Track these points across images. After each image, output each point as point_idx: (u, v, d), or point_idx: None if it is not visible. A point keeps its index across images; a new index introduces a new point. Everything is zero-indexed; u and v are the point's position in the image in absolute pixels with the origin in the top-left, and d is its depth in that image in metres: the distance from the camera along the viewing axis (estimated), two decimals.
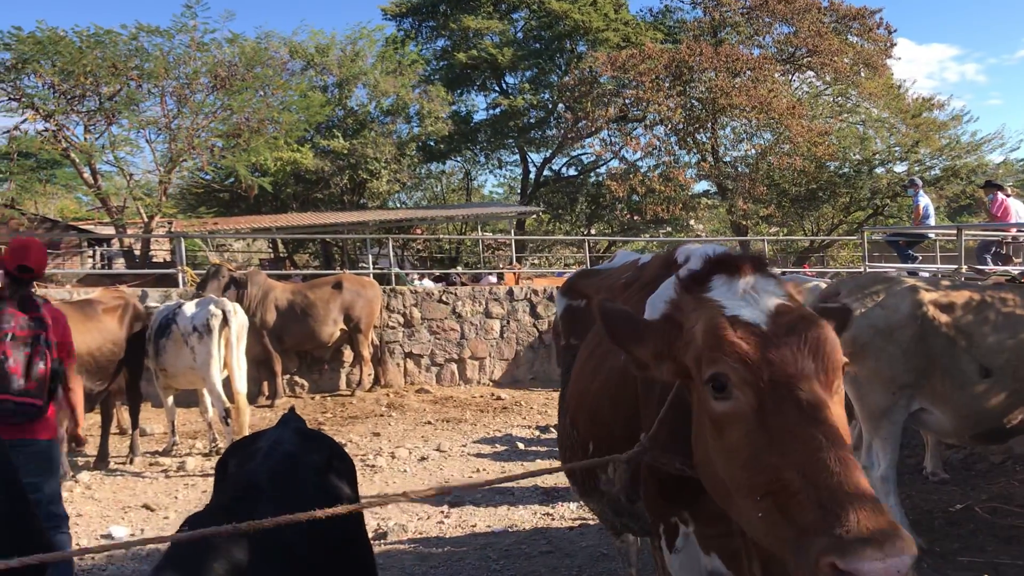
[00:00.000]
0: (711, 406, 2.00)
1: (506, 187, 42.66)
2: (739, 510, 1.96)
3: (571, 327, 4.26)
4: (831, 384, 1.93)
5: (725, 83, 27.20)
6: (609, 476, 3.26)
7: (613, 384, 3.10)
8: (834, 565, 1.62)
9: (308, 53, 28.23)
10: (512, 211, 30.41)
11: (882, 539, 1.62)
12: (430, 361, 14.45)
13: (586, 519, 7.07)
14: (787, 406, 1.85)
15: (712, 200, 32.18)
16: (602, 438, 3.06)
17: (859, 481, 1.74)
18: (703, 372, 2.01)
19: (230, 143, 22.35)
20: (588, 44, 32.04)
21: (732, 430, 1.94)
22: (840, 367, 1.98)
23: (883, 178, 28.82)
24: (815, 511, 1.71)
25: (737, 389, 1.93)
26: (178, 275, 15.23)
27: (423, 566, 6.04)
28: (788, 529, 1.76)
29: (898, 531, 1.66)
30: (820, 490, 1.72)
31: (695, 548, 2.70)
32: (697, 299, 2.15)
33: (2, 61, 19.30)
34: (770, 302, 2.06)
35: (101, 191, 22.16)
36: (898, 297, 5.88)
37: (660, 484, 2.65)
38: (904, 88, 32.82)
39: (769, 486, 1.81)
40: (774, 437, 1.84)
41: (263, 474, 2.88)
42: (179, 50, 20.93)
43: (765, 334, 1.96)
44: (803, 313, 2.04)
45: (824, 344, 1.96)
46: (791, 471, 1.77)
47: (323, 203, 30.16)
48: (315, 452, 3.25)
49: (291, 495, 2.76)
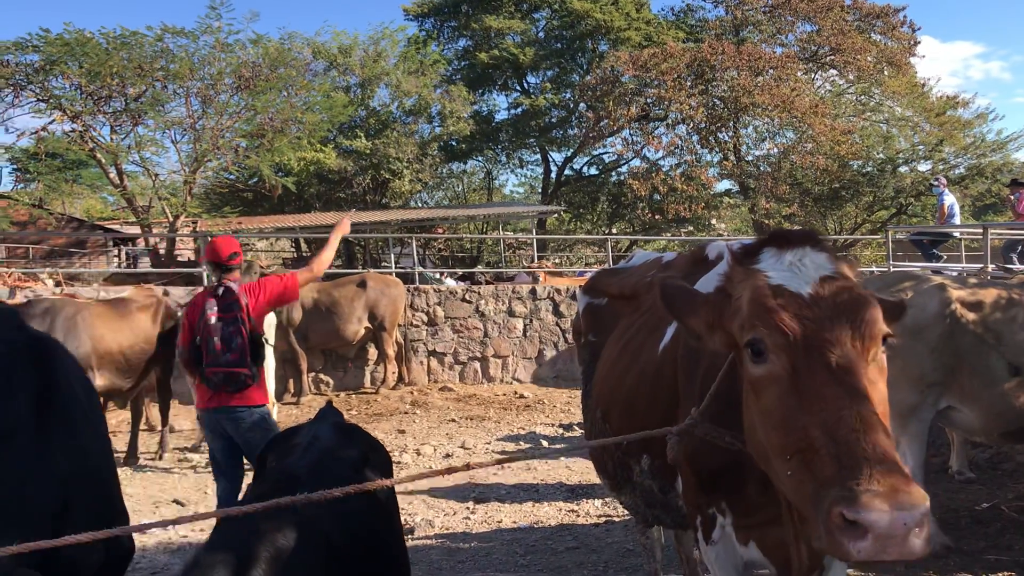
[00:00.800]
0: (750, 370, 2.09)
1: (527, 186, 42.77)
2: (775, 472, 2.04)
3: (592, 324, 4.33)
4: (866, 352, 1.98)
5: (747, 82, 27.10)
6: (643, 468, 3.30)
7: (649, 378, 3.16)
8: (843, 515, 1.68)
9: (331, 54, 28.43)
10: (533, 210, 30.45)
11: (892, 492, 1.67)
12: (453, 359, 14.52)
13: (611, 516, 7.11)
14: (817, 367, 1.92)
15: (734, 199, 32.10)
16: (637, 430, 3.11)
17: (878, 439, 1.79)
18: (743, 337, 2.10)
19: (254, 143, 22.54)
20: (610, 43, 32.03)
21: (768, 392, 2.02)
22: (878, 338, 2.01)
23: (907, 177, 28.62)
24: (832, 465, 1.77)
25: (772, 353, 2.00)
26: (203, 274, 15.39)
27: (451, 560, 6.10)
28: (810, 485, 1.83)
29: (909, 485, 1.70)
30: (839, 445, 1.78)
31: (732, 540, 2.74)
32: (747, 270, 2.23)
33: (31, 63, 19.54)
34: (816, 273, 2.11)
35: (127, 191, 22.40)
36: (926, 295, 5.88)
37: (697, 474, 2.70)
38: (928, 86, 32.61)
39: (797, 444, 1.88)
40: (804, 397, 1.91)
41: (302, 467, 2.95)
42: (204, 51, 21.12)
43: (805, 301, 2.02)
44: (847, 285, 2.08)
45: (862, 313, 2.00)
46: (816, 429, 1.84)
47: (346, 202, 30.31)
48: (352, 446, 3.31)
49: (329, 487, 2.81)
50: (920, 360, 5.67)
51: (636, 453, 3.32)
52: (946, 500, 6.80)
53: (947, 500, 6.81)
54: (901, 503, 1.66)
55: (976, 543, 5.80)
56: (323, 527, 2.57)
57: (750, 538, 2.65)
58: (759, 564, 2.72)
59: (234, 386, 5.51)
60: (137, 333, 9.24)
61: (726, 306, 2.23)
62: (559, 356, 14.84)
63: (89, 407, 2.83)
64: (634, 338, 3.51)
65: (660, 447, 2.68)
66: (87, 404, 2.81)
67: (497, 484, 8.10)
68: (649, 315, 3.47)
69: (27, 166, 21.44)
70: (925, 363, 5.66)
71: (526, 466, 9.09)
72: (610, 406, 3.55)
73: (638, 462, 3.34)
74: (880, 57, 30.19)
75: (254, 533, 2.42)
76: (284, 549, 2.43)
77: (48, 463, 2.45)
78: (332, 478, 2.92)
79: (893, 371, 5.80)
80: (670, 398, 2.89)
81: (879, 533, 1.66)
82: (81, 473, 2.54)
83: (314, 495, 2.18)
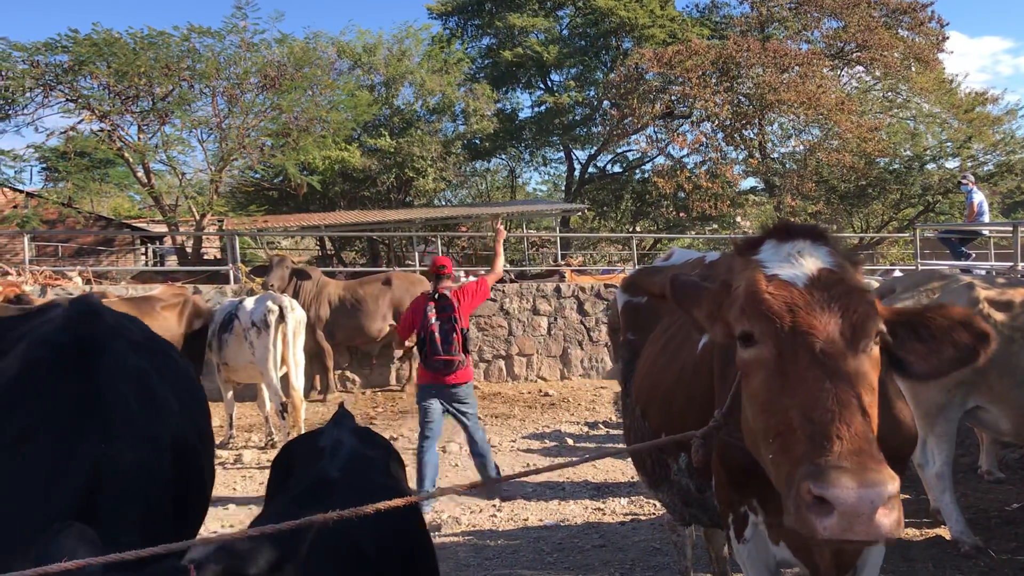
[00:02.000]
0: (740, 355, 2.13)
1: (550, 184, 42.76)
2: (762, 457, 2.06)
3: (631, 322, 4.34)
4: (856, 343, 1.99)
5: (773, 79, 26.96)
6: (680, 466, 3.31)
7: (687, 376, 3.17)
8: (810, 490, 1.70)
9: (355, 53, 28.56)
10: (556, 208, 30.46)
11: (859, 469, 1.69)
12: (478, 357, 14.54)
13: (638, 515, 7.12)
14: (802, 353, 1.94)
15: (759, 197, 31.94)
16: (675, 428, 3.12)
17: (853, 419, 1.81)
18: (737, 327, 2.13)
19: (279, 142, 22.70)
20: (634, 41, 31.95)
21: (755, 377, 2.06)
22: (871, 332, 2.02)
23: (934, 174, 28.38)
24: (806, 443, 1.80)
25: (760, 339, 2.04)
26: (230, 272, 15.53)
27: (478, 558, 6.13)
28: (786, 464, 1.86)
29: (879, 464, 1.72)
30: (813, 424, 1.81)
31: (764, 539, 2.74)
32: (746, 261, 2.26)
33: (60, 63, 19.78)
34: (812, 264, 2.13)
35: (154, 190, 22.64)
36: (954, 294, 5.85)
37: (728, 472, 2.71)
38: (956, 82, 32.34)
39: (779, 427, 1.92)
40: (787, 381, 1.94)
41: (334, 471, 2.94)
42: (230, 51, 21.30)
43: (797, 290, 2.05)
44: (844, 277, 2.10)
45: (855, 305, 2.02)
46: (795, 410, 1.87)
47: (370, 201, 30.47)
48: (374, 448, 3.31)
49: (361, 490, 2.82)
50: None
51: (674, 451, 3.33)
52: (975, 500, 6.76)
53: (976, 500, 6.76)
54: (868, 480, 1.68)
55: (1006, 543, 5.76)
56: (356, 533, 2.57)
57: (781, 537, 2.66)
58: (791, 563, 2.73)
59: (449, 370, 7.37)
60: (163, 331, 9.29)
61: (726, 297, 2.26)
62: (584, 354, 14.84)
63: (148, 409, 2.79)
64: (675, 336, 3.52)
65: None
66: (143, 406, 2.77)
67: (522, 482, 8.12)
68: None
69: (56, 165, 21.72)
70: None
71: (551, 463, 9.10)
72: (649, 404, 3.57)
73: (676, 460, 3.36)
74: (907, 53, 29.93)
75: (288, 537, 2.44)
76: (318, 549, 2.44)
77: (72, 466, 2.43)
78: (363, 481, 2.93)
79: None
80: (707, 396, 2.90)
81: (844, 510, 1.67)
82: (115, 476, 2.48)
83: (361, 508, 2.18)
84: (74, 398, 2.60)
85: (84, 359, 2.73)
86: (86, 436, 2.51)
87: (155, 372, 3.04)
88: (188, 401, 3.25)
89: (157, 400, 2.91)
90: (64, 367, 2.71)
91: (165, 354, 3.40)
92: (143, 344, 3.21)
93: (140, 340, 3.24)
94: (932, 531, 6.04)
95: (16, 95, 19.63)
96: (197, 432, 3.18)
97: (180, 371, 3.43)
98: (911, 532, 6.05)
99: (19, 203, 23.01)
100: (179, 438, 2.94)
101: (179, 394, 3.17)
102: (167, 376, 3.16)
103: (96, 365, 2.72)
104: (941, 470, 5.79)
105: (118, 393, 2.70)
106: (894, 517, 1.70)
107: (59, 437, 2.49)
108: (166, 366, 3.26)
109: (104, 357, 2.79)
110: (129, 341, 3.09)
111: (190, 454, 2.98)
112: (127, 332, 3.20)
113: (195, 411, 3.32)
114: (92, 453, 2.49)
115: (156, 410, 2.86)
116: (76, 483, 2.40)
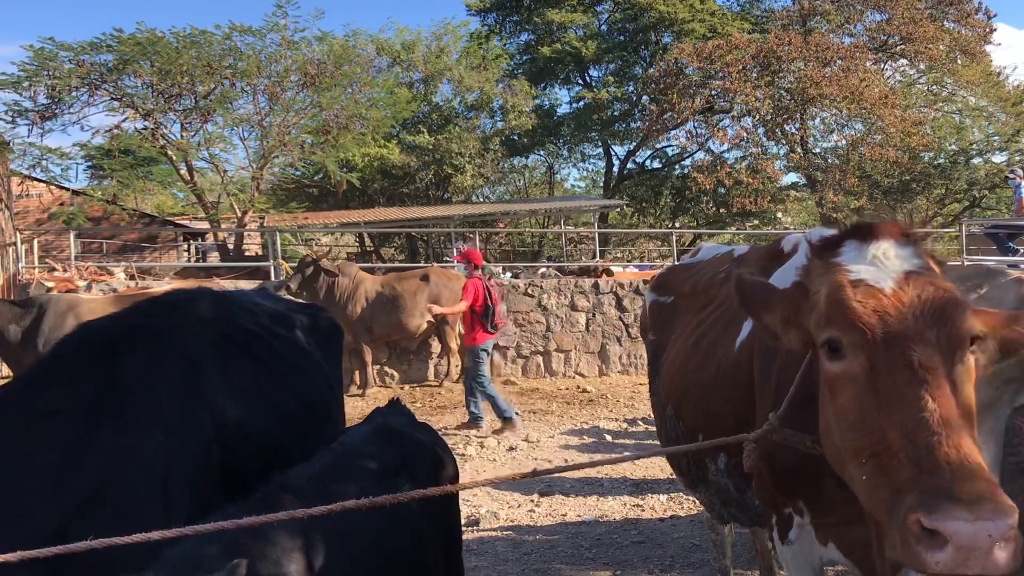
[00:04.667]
0: (826, 368, 2.00)
1: (589, 180, 42.64)
2: (849, 475, 1.95)
3: (656, 322, 4.26)
4: (952, 352, 1.86)
5: (815, 73, 26.62)
6: (719, 467, 3.25)
7: (724, 375, 3.10)
8: (920, 522, 1.58)
9: (394, 50, 28.71)
10: (595, 204, 30.39)
11: (974, 499, 1.57)
12: (516, 353, 14.53)
13: (677, 512, 7.06)
14: (898, 367, 1.82)
15: (801, 192, 31.59)
16: (712, 429, 3.05)
17: (962, 443, 1.69)
18: (820, 335, 2.01)
19: (319, 139, 22.90)
20: (673, 35, 31.72)
21: (844, 392, 1.93)
22: (966, 339, 1.90)
23: (981, 169, 27.92)
24: (911, 468, 1.68)
25: (850, 351, 1.92)
26: (271, 268, 15.67)
27: (516, 552, 6.12)
28: (886, 490, 1.74)
29: (995, 493, 1.60)
30: (919, 448, 1.69)
31: (810, 539, 2.67)
32: (826, 264, 2.13)
33: (104, 63, 20.12)
34: (900, 266, 2.01)
35: (196, 187, 22.97)
36: (1002, 289, 5.70)
37: (774, 473, 2.64)
38: (1004, 75, 31.75)
39: (874, 447, 1.79)
40: (882, 398, 1.81)
41: (303, 478, 2.66)
42: (271, 49, 21.54)
43: (887, 297, 1.93)
44: (934, 281, 1.98)
45: (949, 311, 1.89)
46: (894, 431, 1.75)
47: (409, 198, 30.62)
48: (387, 451, 3.00)
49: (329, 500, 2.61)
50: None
51: (712, 452, 3.25)
52: (1022, 503, 6.60)
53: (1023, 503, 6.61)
54: (985, 512, 1.55)
55: None
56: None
57: (829, 538, 2.59)
58: (837, 563, 2.66)
59: (497, 329, 10.44)
60: None
61: (803, 302, 2.14)
62: (623, 351, 14.77)
63: (183, 399, 2.77)
64: (707, 334, 3.45)
65: (737, 445, 2.61)
66: (177, 397, 2.75)
67: (561, 478, 8.08)
68: (724, 310, 3.40)
69: (101, 163, 22.13)
70: None
71: (589, 459, 9.06)
72: (682, 403, 3.50)
73: (714, 461, 3.29)
74: (953, 46, 29.42)
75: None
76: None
77: (87, 449, 2.45)
78: (340, 491, 2.57)
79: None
80: (747, 395, 2.83)
81: (960, 544, 1.55)
82: (123, 471, 2.48)
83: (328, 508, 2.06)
84: (97, 387, 2.61)
85: (114, 349, 2.73)
86: (103, 424, 2.52)
87: (221, 361, 3.00)
88: (279, 392, 3.19)
89: (205, 391, 2.89)
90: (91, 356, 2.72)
91: (254, 345, 3.28)
92: (225, 333, 3.17)
93: (225, 330, 3.19)
94: None
95: (63, 94, 20.01)
96: (282, 421, 3.11)
97: (278, 362, 3.32)
98: None
99: (65, 201, 23.48)
100: (244, 426, 2.90)
101: (264, 385, 3.12)
102: (245, 365, 3.11)
103: (127, 355, 2.73)
104: (988, 470, 5.66)
105: (145, 383, 2.69)
106: (1012, 549, 1.58)
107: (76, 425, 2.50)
108: (251, 355, 3.20)
109: (141, 348, 2.80)
110: (194, 332, 3.05)
111: (256, 444, 2.93)
112: (202, 321, 3.16)
113: (287, 402, 3.21)
114: (107, 442, 2.49)
115: (200, 400, 2.84)
116: (88, 469, 2.42)
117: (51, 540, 2.18)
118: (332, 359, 3.86)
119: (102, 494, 2.40)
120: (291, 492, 2.40)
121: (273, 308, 3.67)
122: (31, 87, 19.79)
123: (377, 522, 2.51)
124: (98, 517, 2.34)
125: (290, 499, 2.36)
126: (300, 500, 2.34)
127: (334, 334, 4.02)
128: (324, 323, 3.94)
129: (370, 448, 2.94)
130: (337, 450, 2.88)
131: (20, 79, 19.61)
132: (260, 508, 2.23)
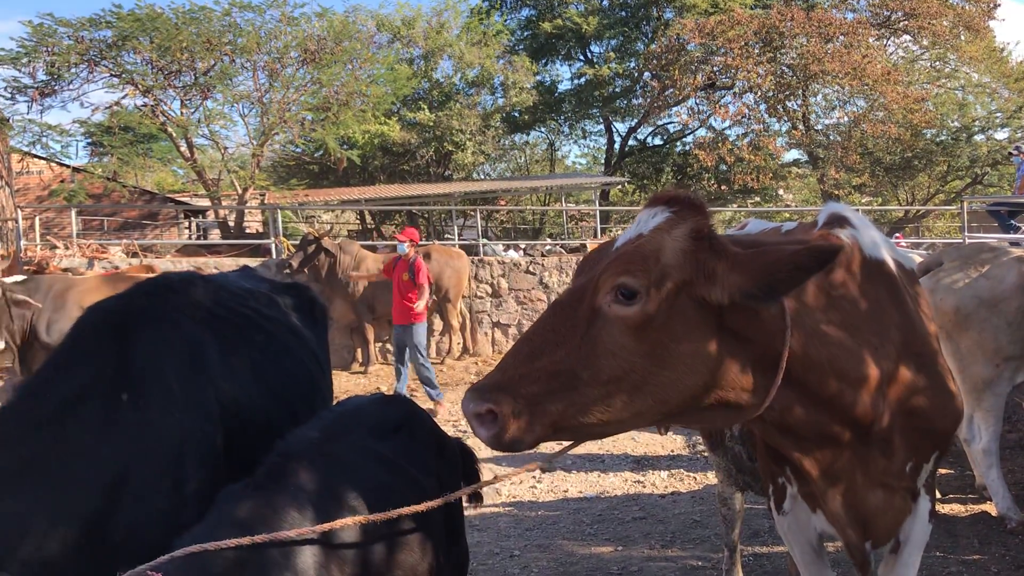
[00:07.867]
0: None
1: (590, 157, 42.46)
2: None
3: None
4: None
5: (817, 49, 26.47)
6: (733, 432, 3.34)
7: None
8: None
9: (395, 26, 28.51)
10: (596, 182, 30.30)
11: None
12: (517, 331, 14.56)
13: (678, 488, 7.12)
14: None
15: (803, 169, 31.52)
16: None
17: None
18: None
19: (319, 116, 22.82)
20: (675, 11, 31.44)
21: None
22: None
23: (983, 146, 27.81)
24: None
25: None
26: (272, 245, 15.68)
27: (518, 528, 6.18)
28: None
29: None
30: None
31: (804, 510, 2.72)
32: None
33: (104, 39, 20.02)
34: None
35: (197, 164, 22.91)
36: (1004, 267, 5.73)
37: (764, 442, 2.68)
38: (1007, 51, 31.53)
39: None
40: None
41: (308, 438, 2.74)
42: (270, 25, 21.43)
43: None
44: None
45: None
46: None
47: (409, 175, 30.53)
48: (390, 414, 3.01)
49: None
50: (997, 334, 5.55)
51: None
52: (1022, 476, 6.65)
53: (1023, 477, 6.66)
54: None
55: None
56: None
57: (818, 505, 2.63)
58: (832, 536, 2.70)
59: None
60: None
61: None
62: None
63: (190, 378, 2.82)
64: None
65: None
66: (184, 376, 2.80)
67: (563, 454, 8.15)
68: None
69: (101, 140, 22.04)
70: (1002, 336, 5.54)
71: None
72: None
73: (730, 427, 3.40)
74: (957, 21, 29.20)
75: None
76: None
77: (107, 435, 2.51)
78: (341, 450, 2.67)
79: (968, 344, 5.71)
80: None
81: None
82: (144, 450, 2.54)
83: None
84: (114, 369, 2.64)
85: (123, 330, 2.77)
86: (123, 406, 2.57)
87: (218, 342, 3.04)
88: (272, 372, 3.23)
89: (208, 370, 2.93)
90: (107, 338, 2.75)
91: (245, 327, 3.32)
92: (217, 316, 3.20)
93: (217, 312, 3.23)
94: (978, 507, 5.96)
95: (62, 70, 19.93)
96: (276, 400, 3.16)
97: (269, 343, 3.37)
98: (956, 508, 5.99)
99: (66, 177, 23.44)
100: (242, 405, 2.96)
101: (257, 365, 3.17)
102: (239, 346, 3.15)
103: (137, 336, 2.77)
104: (988, 446, 5.70)
105: (155, 363, 2.74)
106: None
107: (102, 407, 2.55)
108: (243, 337, 3.24)
109: (148, 328, 2.83)
110: (192, 313, 3.09)
111: (253, 422, 2.98)
112: (197, 304, 3.20)
113: (279, 381, 3.26)
114: (129, 421, 2.55)
115: (205, 380, 2.88)
116: (114, 451, 2.49)
117: (90, 521, 2.35)
118: (319, 336, 3.90)
119: (126, 474, 2.47)
120: (294, 459, 2.46)
121: (257, 288, 3.71)
122: (30, 63, 19.73)
123: (384, 477, 2.57)
124: (125, 495, 2.43)
125: (294, 466, 2.42)
126: (303, 465, 2.43)
127: (319, 311, 4.04)
128: (309, 302, 3.97)
129: (370, 408, 2.99)
130: (337, 410, 2.95)
131: (19, 55, 19.55)
132: (266, 481, 2.35)
